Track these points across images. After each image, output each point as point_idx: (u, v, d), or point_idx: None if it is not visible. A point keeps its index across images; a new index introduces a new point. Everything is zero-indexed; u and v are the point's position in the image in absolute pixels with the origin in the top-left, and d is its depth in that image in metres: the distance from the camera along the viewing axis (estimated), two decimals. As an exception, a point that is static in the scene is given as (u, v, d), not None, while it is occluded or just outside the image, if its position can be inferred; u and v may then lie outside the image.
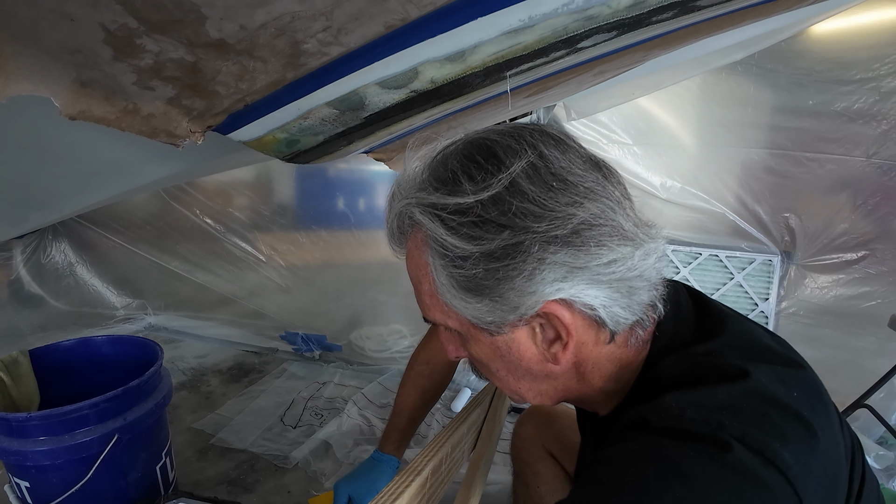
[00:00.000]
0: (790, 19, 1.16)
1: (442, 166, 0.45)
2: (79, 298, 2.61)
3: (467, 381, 2.04)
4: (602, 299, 0.43)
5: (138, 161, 0.95)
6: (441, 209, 0.43)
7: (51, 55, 0.46)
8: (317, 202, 2.40)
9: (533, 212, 0.41)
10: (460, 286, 0.44)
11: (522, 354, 0.47)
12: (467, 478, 0.82)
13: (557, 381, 0.50)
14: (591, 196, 0.42)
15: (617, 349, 0.48)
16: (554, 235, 0.41)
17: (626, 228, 0.43)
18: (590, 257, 0.41)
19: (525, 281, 0.41)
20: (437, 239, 0.43)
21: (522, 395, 0.53)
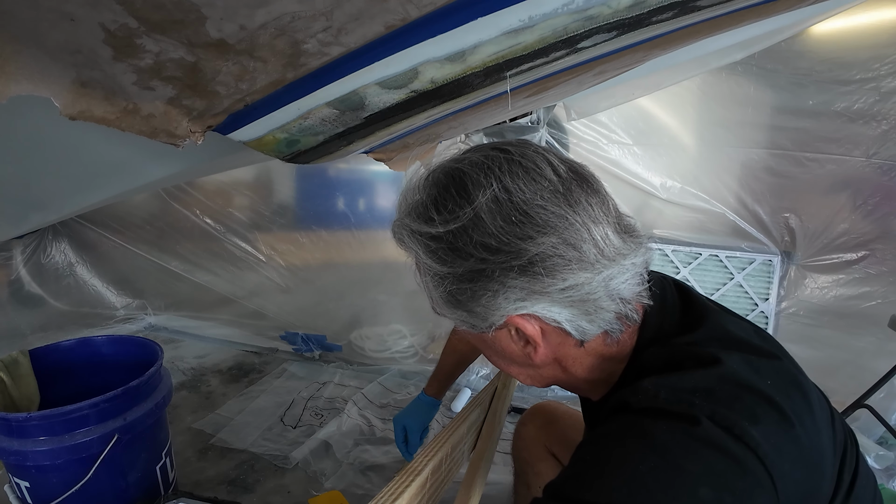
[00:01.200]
0: (790, 19, 1.16)
1: (420, 195, 0.50)
2: (79, 298, 2.62)
3: (467, 381, 2.04)
4: (565, 315, 0.47)
5: (138, 161, 0.95)
6: (421, 234, 0.48)
7: (51, 55, 0.46)
8: (317, 202, 2.40)
9: (490, 245, 0.45)
10: (442, 298, 0.50)
11: (505, 350, 0.54)
12: (467, 478, 0.82)
13: (542, 370, 0.56)
14: (548, 230, 0.44)
15: (596, 347, 0.52)
16: (511, 266, 0.45)
17: (586, 257, 0.45)
18: (545, 284, 0.45)
19: (490, 299, 0.47)
20: (420, 258, 0.50)
21: (516, 377, 0.59)
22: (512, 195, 0.45)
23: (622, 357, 0.53)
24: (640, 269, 0.49)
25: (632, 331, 0.53)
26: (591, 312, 0.47)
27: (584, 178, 0.48)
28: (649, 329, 0.52)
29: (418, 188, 0.50)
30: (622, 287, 0.47)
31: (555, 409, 1.00)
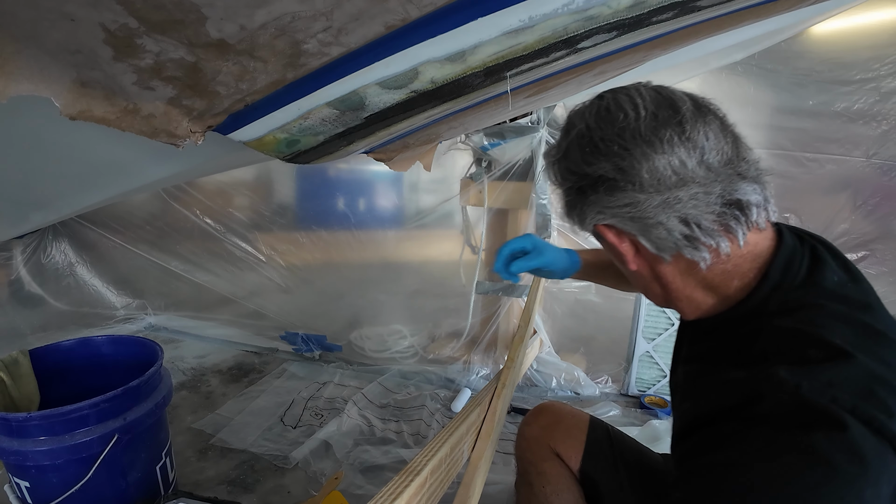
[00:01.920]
0: (790, 19, 1.16)
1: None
2: (79, 298, 2.62)
3: (467, 381, 2.05)
4: (634, 228, 0.56)
5: (138, 161, 0.95)
6: (546, 163, 0.65)
7: (51, 55, 0.46)
8: (317, 202, 2.40)
9: (572, 170, 0.59)
10: (563, 209, 0.64)
11: (611, 252, 0.62)
12: (467, 478, 0.82)
13: (649, 283, 0.62)
14: (607, 158, 0.54)
15: (688, 269, 0.57)
16: (583, 186, 0.57)
17: (641, 182, 0.53)
18: (608, 201, 0.55)
19: (581, 211, 0.59)
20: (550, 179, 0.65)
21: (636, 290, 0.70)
22: (592, 132, 0.56)
23: (735, 296, 0.56)
24: (714, 199, 0.52)
25: (737, 268, 0.55)
26: (651, 228, 0.54)
27: (677, 117, 0.53)
28: (770, 279, 0.54)
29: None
30: (688, 210, 0.52)
31: (559, 409, 1.00)
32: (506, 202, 2.00)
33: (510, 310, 2.06)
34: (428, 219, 2.25)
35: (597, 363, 2.11)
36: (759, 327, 0.52)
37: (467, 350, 2.13)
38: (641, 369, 2.02)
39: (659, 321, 1.97)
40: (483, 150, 1.96)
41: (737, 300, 0.56)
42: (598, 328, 2.10)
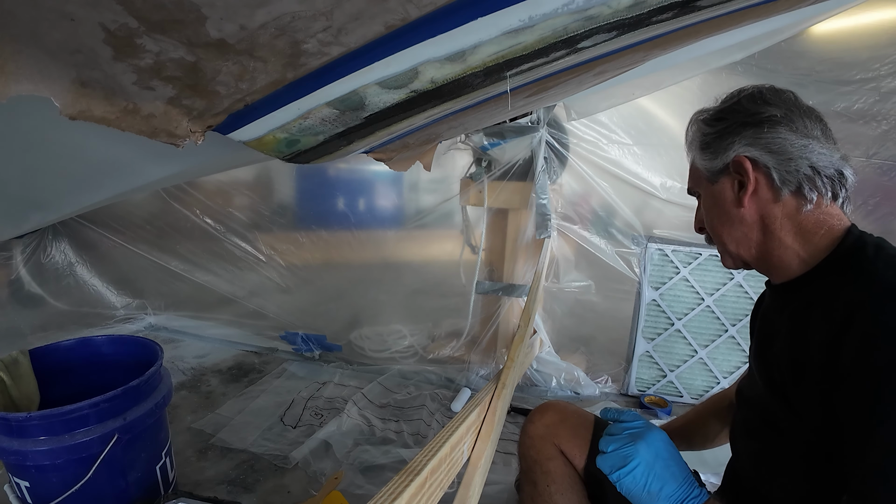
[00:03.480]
0: (790, 19, 1.16)
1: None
2: (79, 298, 2.62)
3: (467, 380, 2.05)
4: (770, 160, 0.67)
5: (138, 161, 0.95)
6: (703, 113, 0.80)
7: (51, 55, 0.46)
8: (317, 202, 2.40)
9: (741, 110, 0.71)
10: (700, 148, 0.75)
11: (725, 199, 0.72)
12: (467, 478, 0.82)
13: (747, 228, 0.71)
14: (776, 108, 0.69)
15: (792, 212, 0.68)
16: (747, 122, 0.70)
17: (796, 127, 0.67)
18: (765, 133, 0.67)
19: (730, 141, 0.71)
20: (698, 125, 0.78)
21: (726, 241, 0.75)
22: (763, 93, 0.71)
23: (818, 240, 0.67)
24: (834, 161, 0.66)
25: (827, 219, 0.67)
26: (786, 162, 0.66)
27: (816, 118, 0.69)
28: (851, 235, 0.66)
29: None
30: (815, 158, 0.66)
31: (564, 407, 0.99)
32: (506, 202, 2.00)
33: (510, 310, 2.06)
34: (428, 219, 2.25)
35: (597, 363, 2.11)
36: (857, 263, 0.62)
37: (467, 350, 2.13)
38: (641, 369, 2.02)
39: (659, 321, 1.97)
40: (483, 150, 1.96)
41: (821, 255, 0.67)
42: (598, 328, 2.11)
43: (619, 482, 0.71)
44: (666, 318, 1.96)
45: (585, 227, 2.01)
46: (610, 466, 0.72)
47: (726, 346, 1.92)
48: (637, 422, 0.76)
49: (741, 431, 0.79)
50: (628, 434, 0.74)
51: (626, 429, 0.75)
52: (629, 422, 0.77)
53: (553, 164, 1.95)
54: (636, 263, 1.95)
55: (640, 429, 0.75)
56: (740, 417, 0.81)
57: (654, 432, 0.74)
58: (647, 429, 0.75)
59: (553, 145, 1.93)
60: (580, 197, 2.02)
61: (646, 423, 0.76)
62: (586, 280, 2.06)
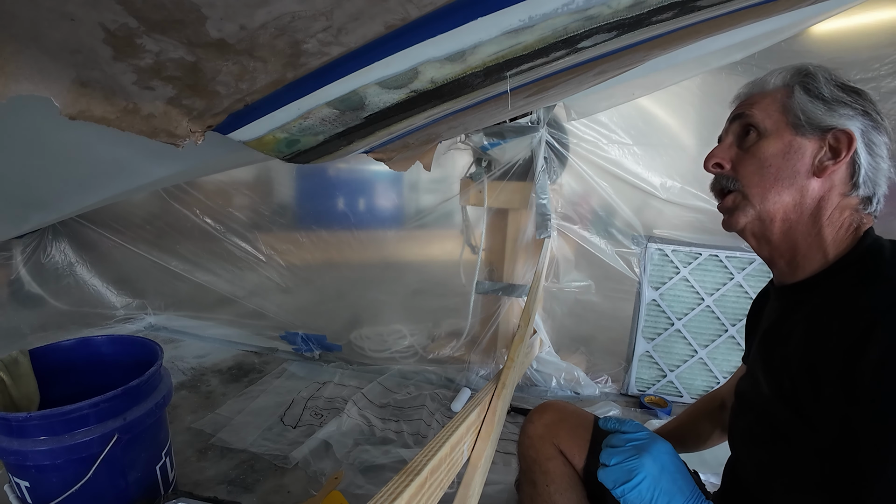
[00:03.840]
0: (790, 19, 1.16)
1: None
2: (79, 298, 2.62)
3: (467, 380, 2.04)
4: (865, 160, 0.64)
5: (138, 161, 0.94)
6: (829, 74, 0.72)
7: (51, 55, 0.46)
8: (317, 202, 2.40)
9: (869, 103, 0.67)
10: (813, 96, 0.68)
11: (801, 158, 0.65)
12: (467, 478, 0.82)
13: (801, 199, 0.66)
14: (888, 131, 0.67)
15: (849, 208, 0.65)
16: (870, 115, 0.66)
17: (888, 147, 0.66)
18: (875, 135, 0.65)
19: (848, 114, 0.65)
20: (817, 78, 0.71)
21: (767, 198, 0.67)
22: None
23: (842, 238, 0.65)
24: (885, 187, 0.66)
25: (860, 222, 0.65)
26: (877, 171, 0.65)
27: None
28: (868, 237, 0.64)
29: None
30: (883, 180, 0.66)
31: (564, 407, 0.99)
32: (506, 202, 2.00)
33: (510, 310, 2.06)
34: (428, 219, 2.25)
35: (597, 363, 2.11)
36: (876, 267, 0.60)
37: (467, 350, 2.13)
38: (641, 369, 2.02)
39: (659, 321, 1.97)
40: (483, 150, 1.96)
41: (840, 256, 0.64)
42: (597, 328, 2.11)
43: (624, 497, 0.68)
44: (666, 318, 1.96)
45: (585, 227, 2.01)
46: (613, 481, 0.69)
47: (726, 346, 1.92)
48: (640, 433, 0.73)
49: (744, 437, 0.75)
50: (632, 446, 0.71)
51: (630, 440, 0.72)
52: (632, 433, 0.73)
53: (553, 164, 1.95)
54: (636, 263, 1.95)
55: (644, 440, 0.72)
56: (744, 423, 0.76)
57: (658, 444, 0.71)
58: (652, 440, 0.72)
59: (553, 145, 1.93)
60: (580, 197, 2.02)
61: (650, 435, 0.74)
62: (586, 280, 2.06)
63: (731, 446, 0.81)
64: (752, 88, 0.74)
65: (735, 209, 0.70)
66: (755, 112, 0.70)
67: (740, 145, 0.71)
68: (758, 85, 0.73)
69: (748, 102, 0.71)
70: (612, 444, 0.73)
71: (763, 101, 0.70)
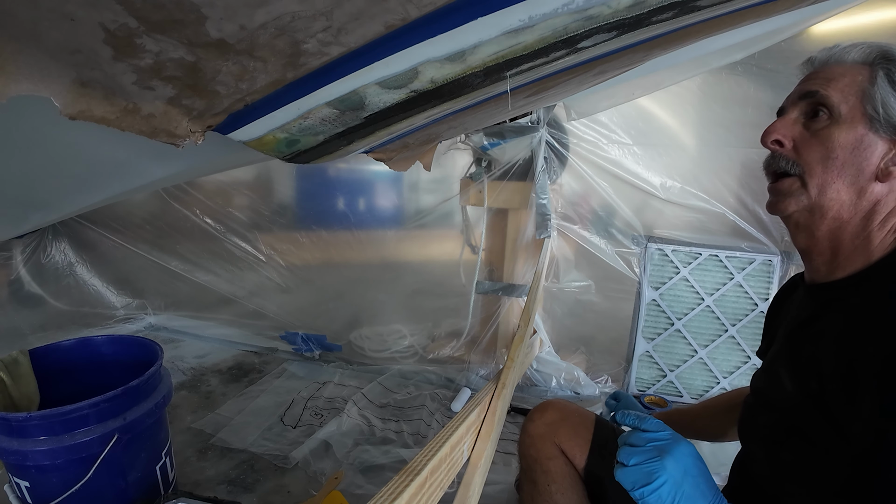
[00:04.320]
0: (790, 19, 1.16)
1: None
2: (79, 298, 2.62)
3: (467, 380, 2.04)
4: None
5: (138, 161, 0.94)
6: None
7: (51, 55, 0.46)
8: (317, 202, 2.40)
9: None
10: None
11: (869, 157, 0.60)
12: (467, 478, 0.82)
13: (858, 201, 0.61)
14: None
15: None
16: None
17: None
18: None
19: None
20: None
21: (826, 190, 0.62)
22: None
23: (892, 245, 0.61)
24: None
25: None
26: None
27: None
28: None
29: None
30: None
31: (565, 406, 0.99)
32: (506, 202, 2.00)
33: (510, 310, 2.06)
34: (428, 218, 2.25)
35: (597, 363, 2.11)
36: None
37: (467, 350, 2.13)
38: (641, 369, 2.02)
39: (659, 321, 1.97)
40: (483, 150, 1.96)
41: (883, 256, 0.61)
42: (598, 328, 2.11)
43: (643, 500, 0.63)
44: (666, 318, 1.96)
45: (585, 227, 2.01)
46: (632, 483, 0.64)
47: (726, 346, 1.92)
48: (663, 432, 0.68)
49: (762, 435, 0.72)
50: (653, 447, 0.66)
51: (651, 440, 0.67)
52: (654, 431, 0.68)
53: (553, 164, 1.95)
54: (636, 263, 1.95)
55: (666, 441, 0.67)
56: (763, 421, 0.72)
57: (682, 445, 0.66)
58: (675, 441, 0.67)
59: (553, 145, 1.93)
60: (580, 197, 2.02)
61: (672, 435, 0.68)
62: (586, 280, 2.06)
63: (744, 442, 0.78)
64: (829, 56, 0.65)
65: (788, 195, 0.64)
66: (831, 93, 0.62)
67: (806, 125, 0.64)
68: (836, 55, 0.64)
69: (824, 77, 0.63)
70: (631, 442, 0.68)
71: (842, 79, 0.62)
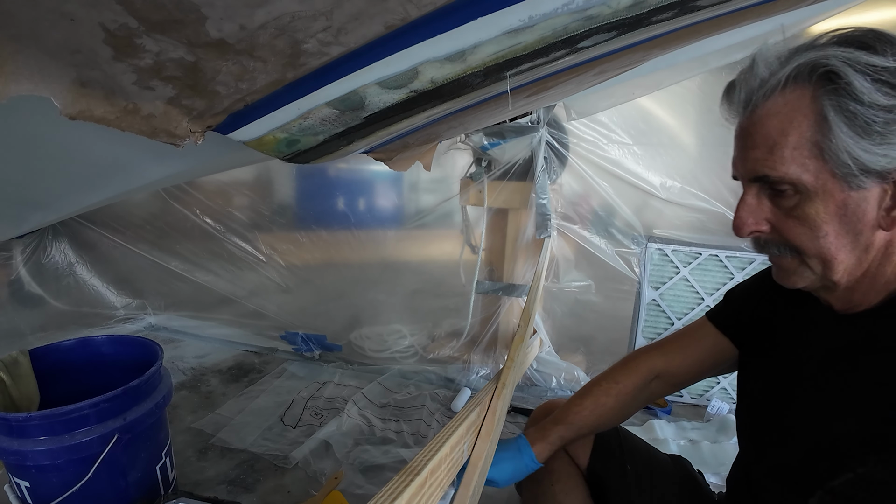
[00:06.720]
0: (790, 19, 1.16)
1: (860, 37, 0.50)
2: (79, 298, 2.62)
3: (467, 380, 2.04)
4: None
5: (138, 161, 0.95)
6: (863, 65, 0.48)
7: (51, 55, 0.46)
8: (317, 202, 2.40)
9: None
10: (860, 128, 0.48)
11: (863, 215, 0.52)
12: (467, 478, 0.82)
13: (866, 256, 0.54)
14: None
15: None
16: None
17: None
18: None
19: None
20: (855, 88, 0.48)
21: (832, 267, 0.55)
22: None
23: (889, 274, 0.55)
24: None
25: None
26: None
27: None
28: None
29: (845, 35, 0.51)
30: None
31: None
32: (506, 202, 2.00)
33: (510, 309, 2.06)
34: (428, 218, 2.25)
35: (597, 363, 2.11)
36: None
37: (467, 350, 2.13)
38: (641, 369, 2.01)
39: (659, 321, 1.97)
40: (483, 150, 1.96)
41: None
42: (598, 328, 2.11)
43: None
44: (666, 317, 1.96)
45: (585, 226, 2.01)
46: None
47: (726, 345, 1.92)
48: None
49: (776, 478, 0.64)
50: None
51: None
52: None
53: (553, 164, 1.95)
54: (636, 263, 1.95)
55: None
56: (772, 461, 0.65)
57: None
58: None
59: (553, 145, 1.93)
60: (580, 197, 2.02)
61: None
62: (586, 280, 2.06)
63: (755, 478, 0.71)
64: (751, 91, 0.55)
65: (792, 273, 0.58)
66: (784, 169, 0.52)
67: (775, 202, 0.56)
68: (762, 88, 0.53)
69: (764, 143, 0.53)
70: None
71: (785, 140, 0.52)
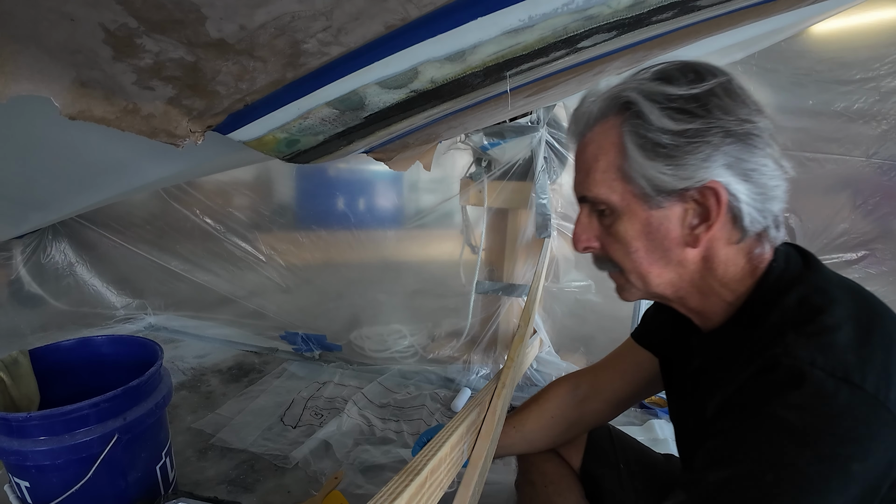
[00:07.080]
0: (790, 19, 1.16)
1: (661, 70, 0.55)
2: (79, 298, 2.62)
3: (467, 380, 2.05)
4: (746, 195, 0.52)
5: (138, 161, 0.95)
6: (656, 94, 0.53)
7: (51, 55, 0.46)
8: (317, 202, 2.40)
9: (723, 108, 0.51)
10: (651, 152, 0.53)
11: (667, 233, 0.55)
12: (467, 478, 0.82)
13: (684, 271, 0.57)
14: (763, 115, 0.53)
15: (742, 255, 0.56)
16: (732, 130, 0.51)
17: (774, 148, 0.54)
18: (750, 155, 0.52)
19: (701, 158, 0.51)
20: (645, 115, 0.53)
21: (649, 280, 0.58)
22: (737, 86, 0.53)
23: (749, 284, 0.56)
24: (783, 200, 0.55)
25: (763, 260, 0.56)
26: (766, 197, 0.53)
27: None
28: (776, 269, 0.56)
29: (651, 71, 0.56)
30: (782, 192, 0.55)
31: None
32: (506, 202, 2.00)
33: (510, 309, 2.06)
34: (428, 218, 2.25)
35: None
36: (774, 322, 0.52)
37: (467, 350, 2.13)
38: (641, 369, 2.01)
39: (659, 321, 1.97)
40: (483, 150, 1.96)
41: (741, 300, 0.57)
42: (597, 328, 2.10)
43: None
44: (666, 317, 1.95)
45: (585, 226, 2.00)
46: None
47: (726, 345, 1.92)
48: None
49: None
50: None
51: None
52: None
53: (553, 164, 1.94)
54: (636, 263, 1.95)
55: None
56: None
57: None
58: None
59: (553, 145, 1.93)
60: (580, 197, 2.02)
61: None
62: (586, 280, 2.05)
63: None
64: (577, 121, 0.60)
65: (622, 288, 0.63)
66: (597, 191, 0.57)
67: (601, 221, 0.60)
68: (588, 118, 0.59)
69: (584, 168, 0.59)
70: None
71: (597, 164, 0.57)
